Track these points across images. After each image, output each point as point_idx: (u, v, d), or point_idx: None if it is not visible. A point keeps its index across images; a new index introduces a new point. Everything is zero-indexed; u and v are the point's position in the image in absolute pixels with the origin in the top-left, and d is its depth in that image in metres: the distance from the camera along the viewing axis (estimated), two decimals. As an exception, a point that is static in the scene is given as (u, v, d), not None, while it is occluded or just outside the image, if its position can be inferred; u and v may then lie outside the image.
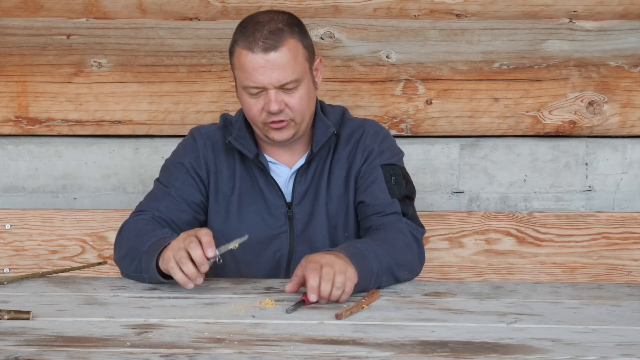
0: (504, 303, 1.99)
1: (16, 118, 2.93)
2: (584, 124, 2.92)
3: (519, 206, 2.96)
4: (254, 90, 2.21)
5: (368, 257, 2.08)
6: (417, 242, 2.27)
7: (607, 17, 2.89)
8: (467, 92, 2.92)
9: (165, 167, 2.40)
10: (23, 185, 2.97)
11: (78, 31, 2.90)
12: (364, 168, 2.34)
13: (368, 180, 2.33)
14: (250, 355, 1.58)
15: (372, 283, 2.08)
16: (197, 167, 2.35)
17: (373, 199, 2.31)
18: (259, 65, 2.18)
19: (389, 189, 2.31)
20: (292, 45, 2.20)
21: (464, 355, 1.59)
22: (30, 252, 2.85)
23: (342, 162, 2.36)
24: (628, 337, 1.71)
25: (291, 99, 2.22)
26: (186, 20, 2.90)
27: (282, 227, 2.34)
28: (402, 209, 2.29)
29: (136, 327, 1.75)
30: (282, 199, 2.34)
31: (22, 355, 1.57)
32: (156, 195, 2.35)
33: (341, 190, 2.35)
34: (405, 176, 2.37)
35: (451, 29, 2.90)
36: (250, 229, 2.30)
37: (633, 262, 2.86)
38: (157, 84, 2.92)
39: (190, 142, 2.40)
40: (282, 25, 2.21)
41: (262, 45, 2.18)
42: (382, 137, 2.38)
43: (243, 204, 2.34)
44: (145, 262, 2.09)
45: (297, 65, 2.21)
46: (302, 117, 2.26)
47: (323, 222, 2.34)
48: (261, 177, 2.34)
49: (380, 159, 2.35)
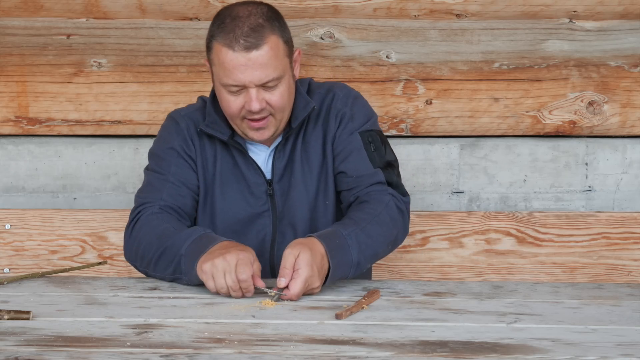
0: (504, 303, 1.99)
1: (16, 118, 2.93)
2: (584, 124, 2.92)
3: (519, 206, 2.96)
4: (234, 88, 2.18)
5: (350, 246, 2.10)
6: (401, 214, 2.26)
7: (607, 17, 2.89)
8: (467, 92, 2.92)
9: (154, 154, 2.36)
10: (23, 185, 2.97)
11: (78, 31, 2.90)
12: (338, 133, 2.31)
13: (347, 148, 2.30)
14: (250, 355, 1.58)
15: (351, 273, 2.12)
16: (187, 149, 2.32)
17: (355, 170, 2.28)
18: (239, 64, 2.14)
19: (370, 158, 2.29)
20: (274, 43, 2.16)
21: (464, 355, 1.59)
22: (30, 252, 2.85)
23: (317, 131, 2.32)
24: (628, 337, 1.71)
25: (272, 96, 2.19)
26: (186, 20, 2.90)
27: (264, 206, 2.32)
28: (386, 178, 2.28)
29: (136, 327, 1.75)
30: (262, 177, 2.31)
31: (22, 355, 1.56)
32: (154, 184, 2.31)
33: (319, 159, 2.32)
34: (383, 140, 2.34)
35: (451, 29, 2.90)
36: (233, 209, 2.30)
37: (633, 262, 2.86)
38: (157, 84, 2.92)
39: (173, 125, 2.36)
40: (262, 20, 2.16)
41: (244, 44, 2.13)
42: (353, 100, 2.35)
43: (225, 184, 2.32)
44: (186, 266, 2.08)
45: (279, 63, 2.17)
46: (283, 112, 2.24)
47: (302, 193, 2.31)
48: (240, 157, 2.31)
49: (354, 123, 2.31)
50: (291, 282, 1.99)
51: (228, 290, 1.99)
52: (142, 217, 2.25)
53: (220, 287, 1.99)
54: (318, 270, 2.02)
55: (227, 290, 1.99)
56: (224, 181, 2.33)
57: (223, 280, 1.98)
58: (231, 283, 1.98)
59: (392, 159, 2.34)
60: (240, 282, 1.97)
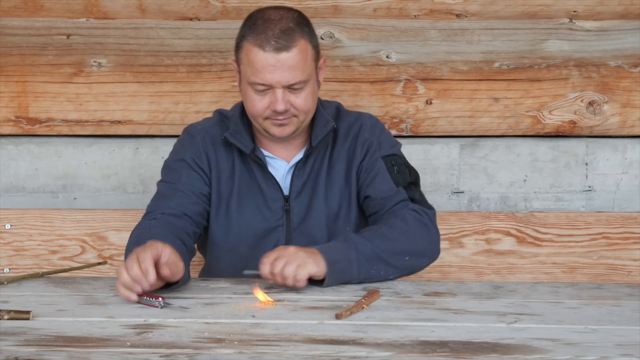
0: (504, 303, 1.99)
1: (16, 118, 2.93)
2: (584, 124, 2.92)
3: (519, 206, 2.96)
4: (261, 87, 2.22)
5: (346, 247, 2.12)
6: (424, 226, 2.28)
7: (607, 17, 2.89)
8: (467, 92, 2.92)
9: (166, 167, 2.40)
10: (23, 185, 2.97)
11: (78, 31, 2.90)
12: (365, 162, 2.36)
13: (371, 174, 2.35)
14: (250, 355, 1.58)
15: (355, 271, 2.12)
16: (198, 161, 2.35)
17: (379, 192, 2.33)
18: (269, 64, 2.19)
19: (393, 179, 2.34)
20: (303, 46, 2.22)
21: (464, 355, 1.59)
22: (30, 252, 2.85)
23: (342, 157, 2.37)
24: (628, 337, 1.71)
25: (297, 98, 2.24)
26: (186, 20, 2.90)
27: (279, 221, 2.35)
28: (409, 195, 2.32)
29: (136, 327, 1.75)
30: (280, 192, 2.35)
31: (22, 355, 1.57)
32: (164, 194, 2.34)
33: (342, 184, 2.37)
34: (406, 164, 2.39)
35: (451, 29, 2.90)
36: (249, 222, 2.33)
37: (633, 262, 2.86)
38: (157, 84, 2.92)
39: (187, 138, 2.40)
40: (293, 24, 2.22)
41: (274, 45, 2.18)
42: (380, 130, 2.41)
43: (242, 198, 2.35)
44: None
45: (306, 66, 2.23)
46: (306, 115, 2.28)
47: (322, 215, 2.35)
48: (258, 171, 2.35)
49: (380, 151, 2.37)
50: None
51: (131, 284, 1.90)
52: (137, 227, 2.29)
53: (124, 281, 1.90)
54: (302, 257, 2.04)
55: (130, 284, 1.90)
56: (242, 194, 2.36)
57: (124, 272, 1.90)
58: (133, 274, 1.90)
59: (416, 180, 2.38)
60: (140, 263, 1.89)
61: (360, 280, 2.14)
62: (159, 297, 1.92)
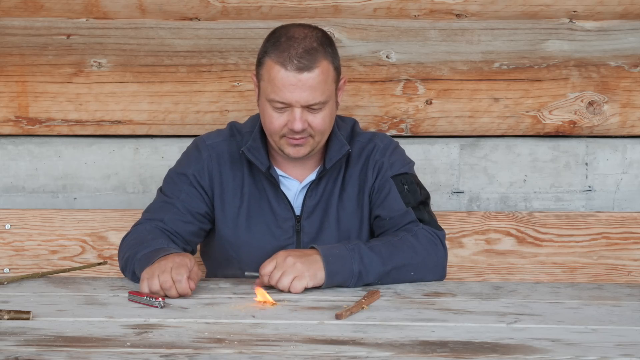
0: (504, 303, 1.99)
1: (16, 118, 2.93)
2: (584, 124, 2.92)
3: (519, 206, 2.96)
4: (280, 105, 2.21)
5: (351, 258, 2.13)
6: (433, 245, 2.27)
7: (607, 17, 2.89)
8: (467, 92, 2.92)
9: (169, 177, 2.40)
10: (23, 185, 2.97)
11: (78, 31, 2.90)
12: (377, 184, 2.36)
13: (382, 194, 2.34)
14: (250, 355, 1.58)
15: (353, 283, 2.14)
16: (200, 179, 2.35)
17: (389, 211, 2.32)
18: (289, 84, 2.18)
19: (403, 198, 2.33)
20: (325, 67, 2.21)
21: (464, 355, 1.59)
22: (30, 252, 2.85)
23: (354, 179, 2.37)
24: (628, 337, 1.71)
25: (315, 118, 2.23)
26: (186, 20, 2.90)
27: (289, 240, 2.34)
28: (417, 216, 2.31)
29: (136, 327, 1.76)
30: (292, 212, 2.34)
31: (22, 355, 1.57)
32: (160, 206, 2.35)
33: (353, 206, 2.36)
34: (417, 183, 2.39)
35: (451, 29, 2.90)
36: (258, 240, 2.32)
37: (633, 262, 2.86)
38: (157, 84, 2.92)
39: (194, 152, 2.40)
40: (316, 44, 2.21)
41: (297, 64, 2.18)
42: (392, 150, 2.40)
43: (252, 216, 2.34)
44: (139, 272, 2.10)
45: (326, 87, 2.22)
46: (322, 136, 2.28)
47: (332, 236, 2.34)
48: (271, 190, 2.34)
49: (391, 171, 2.36)
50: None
51: (160, 289, 1.98)
52: (134, 230, 2.31)
53: (152, 286, 1.99)
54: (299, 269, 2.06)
55: (158, 288, 1.98)
56: (251, 213, 2.35)
57: (156, 281, 1.99)
58: (163, 281, 1.98)
59: (426, 199, 2.38)
60: (175, 282, 1.98)
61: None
62: (159, 297, 1.92)
